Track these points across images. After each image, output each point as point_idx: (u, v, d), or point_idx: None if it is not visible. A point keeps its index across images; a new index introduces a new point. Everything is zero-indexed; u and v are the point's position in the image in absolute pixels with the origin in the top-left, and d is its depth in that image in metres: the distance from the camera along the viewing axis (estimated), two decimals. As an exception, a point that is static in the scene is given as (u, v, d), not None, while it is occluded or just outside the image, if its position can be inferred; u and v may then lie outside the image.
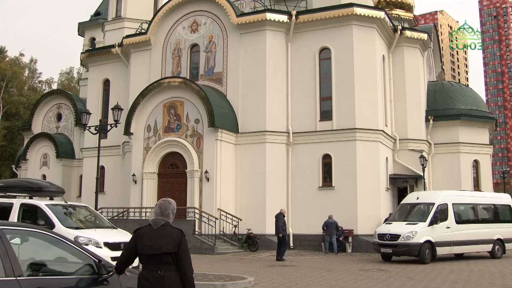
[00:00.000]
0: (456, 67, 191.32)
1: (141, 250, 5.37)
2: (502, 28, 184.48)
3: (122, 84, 32.51)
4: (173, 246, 5.29)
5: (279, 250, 21.18)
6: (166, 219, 5.48)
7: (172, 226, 5.47)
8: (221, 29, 28.87)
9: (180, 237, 5.36)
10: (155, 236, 5.35)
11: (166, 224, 5.46)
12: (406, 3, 38.72)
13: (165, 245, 5.28)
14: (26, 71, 63.44)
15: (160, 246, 5.27)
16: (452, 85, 34.62)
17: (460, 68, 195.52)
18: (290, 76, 27.82)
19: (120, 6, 34.93)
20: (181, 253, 5.32)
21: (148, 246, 5.32)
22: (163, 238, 5.31)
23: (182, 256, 5.32)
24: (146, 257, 5.36)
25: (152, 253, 5.29)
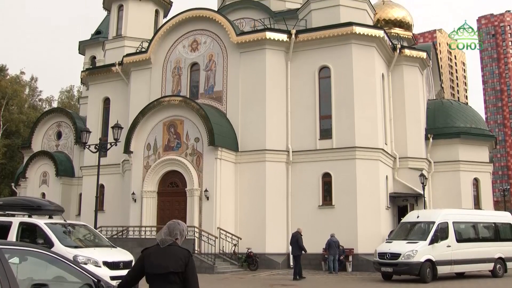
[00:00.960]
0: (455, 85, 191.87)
1: (148, 269, 5.37)
2: (501, 46, 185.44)
3: (122, 102, 32.58)
4: (180, 265, 5.29)
5: (296, 270, 21.11)
6: (173, 239, 5.50)
7: (179, 246, 5.50)
8: (221, 48, 29.01)
9: (187, 257, 5.38)
10: (162, 255, 5.37)
11: (174, 244, 5.48)
12: (405, 22, 39.02)
13: (172, 264, 5.28)
14: (27, 89, 63.62)
15: (167, 265, 5.28)
16: (451, 103, 34.72)
17: (460, 86, 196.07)
18: (290, 94, 27.90)
19: (121, 25, 35.15)
20: (189, 273, 5.32)
21: (155, 265, 5.33)
22: (170, 258, 5.33)
23: (190, 276, 5.32)
24: (153, 277, 5.35)
25: (159, 272, 5.29)
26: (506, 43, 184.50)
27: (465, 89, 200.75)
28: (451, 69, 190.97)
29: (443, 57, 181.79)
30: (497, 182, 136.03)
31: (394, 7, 39.39)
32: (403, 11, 39.50)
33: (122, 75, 32.44)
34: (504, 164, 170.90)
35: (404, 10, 39.64)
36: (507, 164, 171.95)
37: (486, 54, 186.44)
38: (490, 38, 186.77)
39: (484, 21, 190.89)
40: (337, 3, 28.52)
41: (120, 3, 35.31)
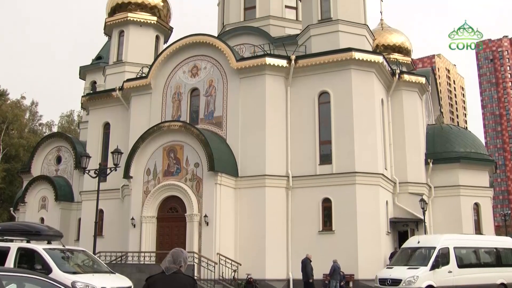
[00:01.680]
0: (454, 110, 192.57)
1: None
2: (499, 71, 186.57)
3: (122, 127, 32.63)
4: None
5: None
6: (177, 267, 5.62)
7: (184, 274, 5.63)
8: (221, 73, 29.17)
9: (192, 284, 5.55)
10: (168, 282, 5.50)
11: (178, 271, 5.60)
12: (404, 48, 39.33)
13: None
14: (27, 114, 63.84)
15: None
16: (451, 128, 34.78)
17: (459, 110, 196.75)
18: (290, 120, 27.97)
19: (122, 51, 35.39)
20: None
21: None
22: (176, 285, 5.46)
23: None
24: None
25: None
26: (505, 68, 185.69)
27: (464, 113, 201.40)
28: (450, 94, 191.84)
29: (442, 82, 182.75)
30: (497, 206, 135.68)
31: (393, 32, 39.74)
32: (402, 36, 39.83)
33: (122, 100, 32.55)
34: (505, 189, 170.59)
35: (402, 35, 39.99)
36: (507, 188, 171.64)
37: (484, 79, 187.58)
38: (489, 63, 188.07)
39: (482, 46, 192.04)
40: (336, 29, 28.74)
41: (121, 29, 35.60)
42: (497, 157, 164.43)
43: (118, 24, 35.59)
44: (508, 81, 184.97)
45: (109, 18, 36.05)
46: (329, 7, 29.26)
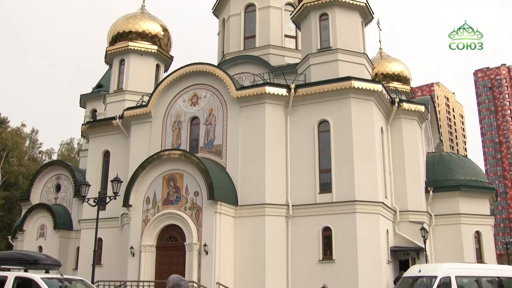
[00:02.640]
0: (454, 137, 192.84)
1: None
2: (498, 99, 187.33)
3: (122, 155, 32.65)
4: None
5: None
6: None
7: None
8: (221, 102, 29.30)
9: None
10: None
11: None
12: (403, 76, 39.57)
13: None
14: (27, 142, 63.99)
15: None
16: (450, 156, 34.76)
17: (458, 138, 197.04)
18: (290, 148, 28.01)
19: (122, 79, 35.60)
20: None
21: None
22: None
23: None
24: None
25: None
26: (503, 96, 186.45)
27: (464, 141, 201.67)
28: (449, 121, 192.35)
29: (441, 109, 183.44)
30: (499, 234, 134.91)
31: (392, 61, 40.01)
32: (401, 65, 40.10)
33: (122, 128, 32.63)
34: (506, 217, 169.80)
35: (401, 64, 40.25)
36: (508, 216, 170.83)
37: (483, 106, 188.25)
38: (487, 91, 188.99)
39: (480, 74, 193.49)
40: (335, 58, 28.96)
41: (122, 57, 35.89)
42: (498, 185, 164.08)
43: (119, 52, 35.89)
44: (507, 109, 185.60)
45: (110, 47, 36.36)
46: (328, 36, 29.54)
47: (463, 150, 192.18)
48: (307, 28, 30.66)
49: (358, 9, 30.37)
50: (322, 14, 30.01)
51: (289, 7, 35.27)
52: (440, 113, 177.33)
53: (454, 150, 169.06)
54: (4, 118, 60.70)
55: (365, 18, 31.31)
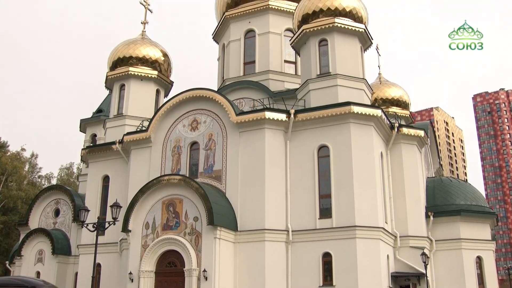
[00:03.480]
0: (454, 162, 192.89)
1: None
2: (497, 123, 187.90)
3: (121, 180, 32.59)
4: None
5: None
6: None
7: None
8: (220, 127, 29.36)
9: None
10: None
11: None
12: (402, 101, 39.67)
13: None
14: (27, 166, 64.06)
15: None
16: (450, 180, 34.68)
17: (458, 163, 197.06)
18: (289, 173, 27.98)
19: (122, 104, 35.71)
20: None
21: None
22: None
23: None
24: None
25: None
26: (502, 120, 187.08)
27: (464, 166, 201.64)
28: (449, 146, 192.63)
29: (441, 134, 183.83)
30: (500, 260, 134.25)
31: (391, 86, 40.15)
32: (400, 90, 40.23)
33: (122, 153, 32.63)
34: (507, 241, 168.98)
35: (400, 89, 40.39)
36: (510, 241, 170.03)
37: (483, 131, 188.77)
38: (486, 115, 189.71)
39: (479, 98, 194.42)
40: (335, 83, 29.09)
41: (122, 82, 36.06)
42: (498, 209, 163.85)
43: (119, 78, 36.07)
44: (507, 133, 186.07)
45: (111, 72, 36.55)
46: (327, 62, 29.73)
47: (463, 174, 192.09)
48: (306, 54, 30.88)
49: (357, 35, 30.61)
50: (321, 40, 30.25)
51: (289, 33, 35.59)
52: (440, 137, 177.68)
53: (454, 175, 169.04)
54: (4, 142, 60.85)
55: (364, 43, 31.54)
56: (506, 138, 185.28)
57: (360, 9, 30.99)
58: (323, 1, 30.56)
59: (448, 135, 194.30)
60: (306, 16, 30.83)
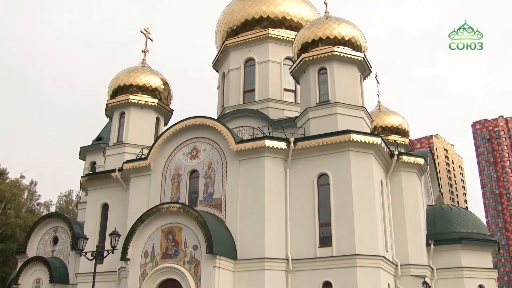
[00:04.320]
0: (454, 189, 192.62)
1: None
2: (497, 150, 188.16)
3: (120, 208, 32.47)
4: None
5: None
6: None
7: None
8: (220, 155, 29.37)
9: None
10: None
11: None
12: (401, 129, 39.81)
13: None
14: (26, 193, 63.91)
15: None
16: (451, 208, 34.56)
17: (459, 190, 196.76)
18: (289, 202, 27.89)
19: (122, 132, 35.78)
20: None
21: None
22: None
23: None
24: None
25: None
26: (502, 147, 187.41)
27: (464, 193, 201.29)
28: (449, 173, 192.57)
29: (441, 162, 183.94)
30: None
31: (390, 114, 40.33)
32: (399, 118, 40.40)
33: (121, 181, 32.58)
34: (509, 270, 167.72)
35: (400, 117, 40.56)
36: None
37: (483, 158, 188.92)
38: (486, 142, 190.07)
39: (478, 126, 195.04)
40: (334, 111, 29.19)
41: (122, 110, 36.19)
42: (500, 237, 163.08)
43: (119, 105, 36.22)
44: (506, 160, 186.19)
45: (111, 99, 36.71)
46: (327, 90, 29.88)
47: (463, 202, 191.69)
48: (306, 82, 31.06)
49: (356, 63, 30.83)
50: (320, 68, 30.46)
51: (288, 61, 35.84)
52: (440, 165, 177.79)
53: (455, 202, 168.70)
54: (3, 169, 60.80)
55: (363, 72, 31.75)
56: (506, 165, 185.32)
57: (359, 38, 31.27)
58: (322, 30, 30.86)
59: (448, 163, 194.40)
60: (305, 44, 31.10)
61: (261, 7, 37.78)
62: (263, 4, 37.85)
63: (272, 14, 37.53)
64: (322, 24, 31.40)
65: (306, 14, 38.51)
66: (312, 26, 31.70)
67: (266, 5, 37.78)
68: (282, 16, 37.62)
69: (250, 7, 38.11)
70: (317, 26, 31.35)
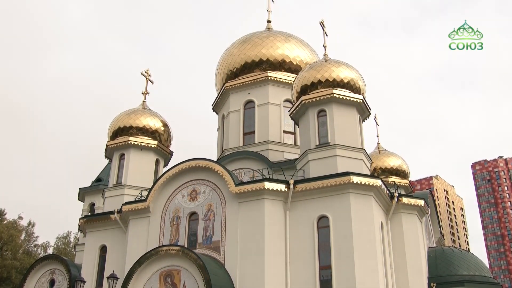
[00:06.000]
0: (455, 231, 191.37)
1: None
2: (497, 191, 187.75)
3: (119, 251, 32.16)
4: None
5: None
6: None
7: None
8: (220, 197, 29.28)
9: None
10: None
11: None
12: (401, 170, 39.86)
13: None
14: (23, 235, 63.42)
15: None
16: (452, 250, 34.26)
17: (460, 232, 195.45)
18: (289, 244, 27.62)
19: (122, 173, 35.74)
20: None
21: None
22: None
23: None
24: None
25: None
26: (502, 188, 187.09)
27: (465, 234, 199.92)
28: (450, 215, 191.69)
29: (441, 203, 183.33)
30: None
31: (390, 156, 40.44)
32: (399, 159, 40.49)
33: (120, 223, 32.38)
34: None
35: (399, 158, 40.65)
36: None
37: (483, 199, 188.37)
38: (486, 183, 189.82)
39: (478, 167, 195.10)
40: (334, 153, 29.22)
41: (122, 152, 36.23)
42: (503, 280, 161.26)
43: (119, 147, 36.28)
44: (507, 201, 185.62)
45: (111, 141, 36.80)
46: (326, 132, 29.99)
47: (465, 243, 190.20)
48: (305, 124, 31.21)
49: (355, 105, 31.03)
50: (320, 111, 30.63)
51: (288, 104, 36.12)
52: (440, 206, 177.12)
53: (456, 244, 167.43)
54: (1, 210, 60.53)
55: (363, 114, 31.93)
56: (507, 206, 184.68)
57: (358, 80, 31.56)
58: (321, 72, 31.17)
59: (448, 204, 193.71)
60: (304, 87, 31.37)
61: (261, 50, 38.33)
62: (262, 47, 38.41)
63: (271, 57, 38.06)
64: (321, 66, 31.74)
65: (305, 56, 39.03)
66: (311, 68, 32.03)
67: (266, 48, 38.34)
68: (281, 58, 38.14)
69: (250, 50, 38.65)
70: (316, 69, 31.68)
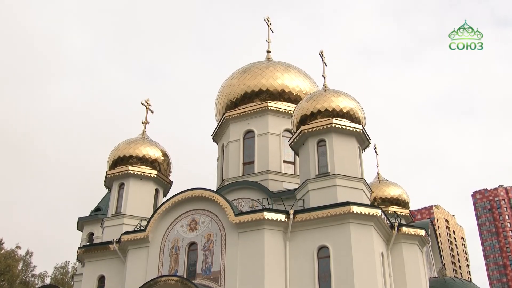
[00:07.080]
0: (456, 260, 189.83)
1: None
2: (498, 220, 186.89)
3: (117, 281, 31.88)
4: None
5: None
6: None
7: None
8: (219, 227, 29.14)
9: None
10: None
11: None
12: (401, 200, 39.72)
13: None
14: (20, 264, 62.88)
15: None
16: (454, 280, 33.96)
17: (461, 261, 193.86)
18: (289, 274, 27.36)
19: (121, 203, 35.61)
20: None
21: None
22: None
23: None
24: None
25: None
26: (503, 217, 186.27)
27: (467, 264, 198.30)
28: (451, 244, 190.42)
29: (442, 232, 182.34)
30: None
31: (390, 185, 40.34)
32: (399, 189, 40.38)
33: (119, 253, 32.14)
34: None
35: (399, 188, 40.54)
36: None
37: (484, 228, 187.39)
38: (487, 212, 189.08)
39: (479, 196, 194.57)
40: (333, 183, 29.18)
41: (122, 181, 36.15)
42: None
43: (119, 176, 36.21)
44: (509, 230, 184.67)
45: (110, 170, 36.75)
46: (326, 162, 29.98)
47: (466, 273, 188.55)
48: (305, 154, 31.22)
49: (355, 135, 31.09)
50: (319, 140, 30.66)
51: (287, 133, 36.17)
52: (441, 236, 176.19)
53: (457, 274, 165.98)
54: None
55: (362, 143, 31.97)
56: (508, 236, 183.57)
57: (357, 110, 31.68)
58: (321, 102, 31.30)
59: (449, 233, 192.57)
60: (304, 117, 31.46)
61: (261, 80, 38.58)
62: (262, 77, 38.67)
63: (271, 87, 38.29)
64: (320, 96, 31.89)
65: (305, 86, 39.26)
66: (311, 98, 32.18)
67: (265, 78, 38.59)
68: (281, 88, 38.37)
69: (250, 80, 38.89)
70: (315, 99, 31.82)
